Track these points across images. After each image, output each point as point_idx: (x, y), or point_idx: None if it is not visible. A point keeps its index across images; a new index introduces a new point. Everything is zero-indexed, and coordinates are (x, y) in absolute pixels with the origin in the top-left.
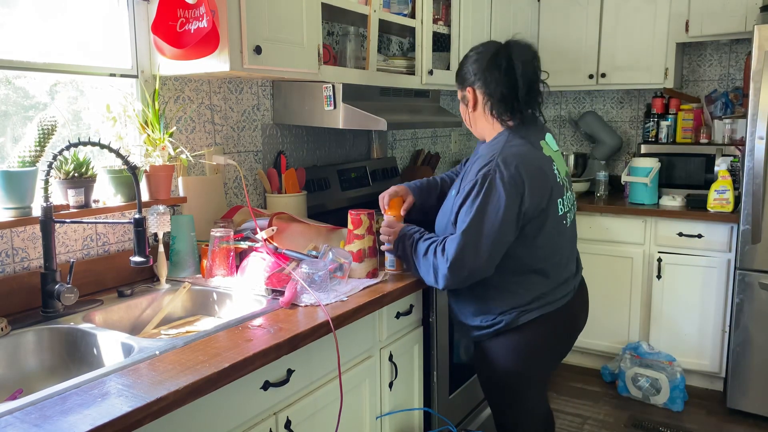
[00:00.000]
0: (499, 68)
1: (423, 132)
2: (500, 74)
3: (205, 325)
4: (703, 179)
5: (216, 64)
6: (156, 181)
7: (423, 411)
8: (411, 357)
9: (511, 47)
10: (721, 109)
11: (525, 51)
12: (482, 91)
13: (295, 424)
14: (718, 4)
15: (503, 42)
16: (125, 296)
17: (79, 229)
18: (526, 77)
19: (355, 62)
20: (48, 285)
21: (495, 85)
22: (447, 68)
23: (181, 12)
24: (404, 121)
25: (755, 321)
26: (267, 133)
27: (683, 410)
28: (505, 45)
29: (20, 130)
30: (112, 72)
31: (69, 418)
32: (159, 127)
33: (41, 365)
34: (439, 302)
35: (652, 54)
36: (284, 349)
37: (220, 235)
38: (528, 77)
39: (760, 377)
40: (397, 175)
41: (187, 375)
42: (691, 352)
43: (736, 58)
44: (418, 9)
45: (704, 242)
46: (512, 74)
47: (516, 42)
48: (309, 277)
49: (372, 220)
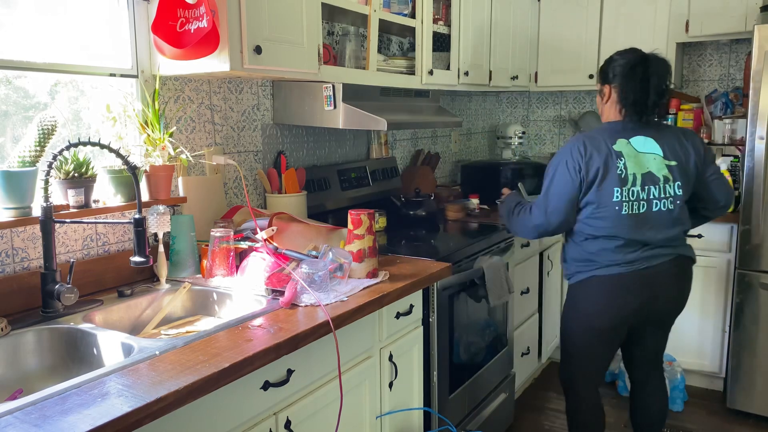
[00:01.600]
0: (635, 78)
1: (423, 132)
2: (635, 83)
3: (205, 325)
4: None
5: (216, 64)
6: (156, 181)
7: (423, 411)
8: (411, 357)
9: (650, 61)
10: (721, 109)
11: (661, 65)
12: (617, 91)
13: (295, 424)
14: (718, 4)
15: (644, 54)
16: (125, 296)
17: (79, 229)
18: (658, 89)
19: (355, 62)
20: (48, 285)
21: (629, 91)
22: (447, 68)
23: (181, 12)
24: (404, 121)
25: (755, 321)
26: (267, 133)
27: (683, 410)
28: (644, 58)
29: (20, 130)
30: (112, 72)
31: (69, 418)
32: (159, 127)
33: (41, 365)
34: (439, 302)
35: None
36: (284, 349)
37: (220, 235)
38: (659, 89)
39: (760, 377)
40: (397, 175)
41: (187, 375)
42: (691, 352)
43: (736, 58)
44: (418, 9)
45: (704, 242)
46: (646, 85)
47: (655, 57)
48: (309, 277)
49: (372, 220)
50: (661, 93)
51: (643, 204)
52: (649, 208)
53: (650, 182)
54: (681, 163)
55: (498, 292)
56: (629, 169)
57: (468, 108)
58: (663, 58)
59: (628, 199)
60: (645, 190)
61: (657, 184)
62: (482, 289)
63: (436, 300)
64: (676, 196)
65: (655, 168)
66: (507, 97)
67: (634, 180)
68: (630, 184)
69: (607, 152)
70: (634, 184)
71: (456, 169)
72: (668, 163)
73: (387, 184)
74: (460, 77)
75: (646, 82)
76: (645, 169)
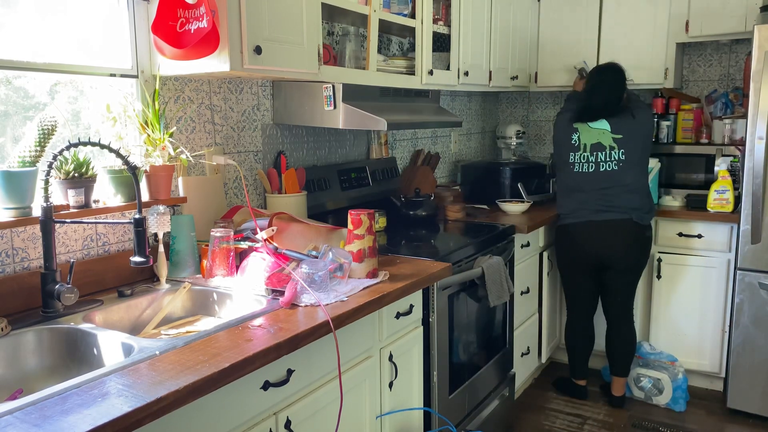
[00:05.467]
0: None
1: (423, 132)
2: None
3: (205, 325)
4: (703, 179)
5: (216, 64)
6: (156, 181)
7: (423, 411)
8: (411, 357)
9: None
10: (721, 109)
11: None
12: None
13: (295, 424)
14: (718, 4)
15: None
16: (125, 296)
17: (79, 229)
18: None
19: (355, 62)
20: (48, 285)
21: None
22: (447, 68)
23: (181, 12)
24: (404, 121)
25: (755, 321)
26: (267, 133)
27: (684, 410)
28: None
29: (20, 130)
30: (112, 72)
31: (69, 418)
32: (159, 127)
33: (41, 365)
34: (439, 302)
35: (652, 54)
36: (284, 349)
37: (220, 235)
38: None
39: (760, 377)
40: (397, 175)
41: (187, 375)
42: (691, 352)
43: (736, 58)
44: (418, 9)
45: (704, 242)
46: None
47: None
48: (309, 277)
49: (372, 220)
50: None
51: (592, 165)
52: (597, 169)
53: (598, 149)
54: (625, 136)
55: (497, 292)
56: (582, 140)
57: (468, 108)
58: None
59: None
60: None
61: (603, 150)
62: (482, 289)
63: (436, 300)
64: (620, 160)
65: (603, 139)
66: (507, 97)
67: (584, 147)
68: (581, 150)
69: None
70: (585, 150)
71: (456, 169)
72: (614, 136)
73: (387, 184)
74: (460, 77)
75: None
76: (595, 140)
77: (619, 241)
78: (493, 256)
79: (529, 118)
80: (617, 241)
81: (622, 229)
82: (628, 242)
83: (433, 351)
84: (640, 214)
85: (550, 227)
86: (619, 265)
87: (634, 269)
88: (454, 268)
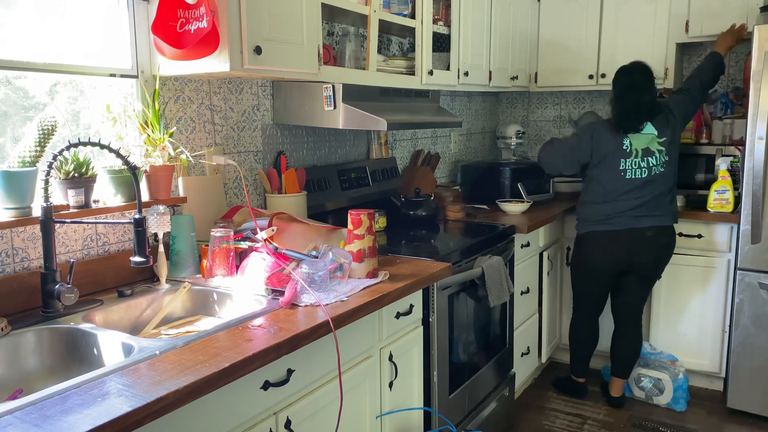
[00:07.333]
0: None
1: (423, 132)
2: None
3: (205, 325)
4: (703, 179)
5: (216, 64)
6: (156, 181)
7: (423, 411)
8: (411, 357)
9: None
10: (721, 109)
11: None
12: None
13: (295, 423)
14: (718, 4)
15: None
16: (125, 296)
17: (79, 229)
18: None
19: (355, 62)
20: (48, 285)
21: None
22: (447, 68)
23: (181, 12)
24: (404, 121)
25: (755, 321)
26: (267, 133)
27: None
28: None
29: (20, 130)
30: (112, 72)
31: (69, 418)
32: (159, 127)
33: (41, 365)
34: (439, 302)
35: (652, 54)
36: (284, 349)
37: (220, 235)
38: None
39: (760, 377)
40: (397, 175)
41: (187, 375)
42: (690, 352)
43: (736, 58)
44: (418, 9)
45: (704, 242)
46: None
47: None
48: (309, 277)
49: (372, 220)
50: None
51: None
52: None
53: (648, 155)
54: (668, 138)
55: (497, 292)
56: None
57: (468, 108)
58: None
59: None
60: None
61: (653, 155)
62: (482, 289)
63: (436, 300)
64: (665, 162)
65: (652, 144)
66: (507, 97)
67: (636, 153)
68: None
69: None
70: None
71: (456, 169)
72: (659, 140)
73: (387, 184)
74: (460, 77)
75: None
76: (645, 145)
77: (653, 248)
78: (493, 256)
79: (529, 118)
80: (652, 248)
81: (662, 235)
82: (663, 249)
83: (433, 351)
84: (676, 217)
85: (550, 227)
86: (644, 270)
87: (657, 274)
88: (454, 268)
